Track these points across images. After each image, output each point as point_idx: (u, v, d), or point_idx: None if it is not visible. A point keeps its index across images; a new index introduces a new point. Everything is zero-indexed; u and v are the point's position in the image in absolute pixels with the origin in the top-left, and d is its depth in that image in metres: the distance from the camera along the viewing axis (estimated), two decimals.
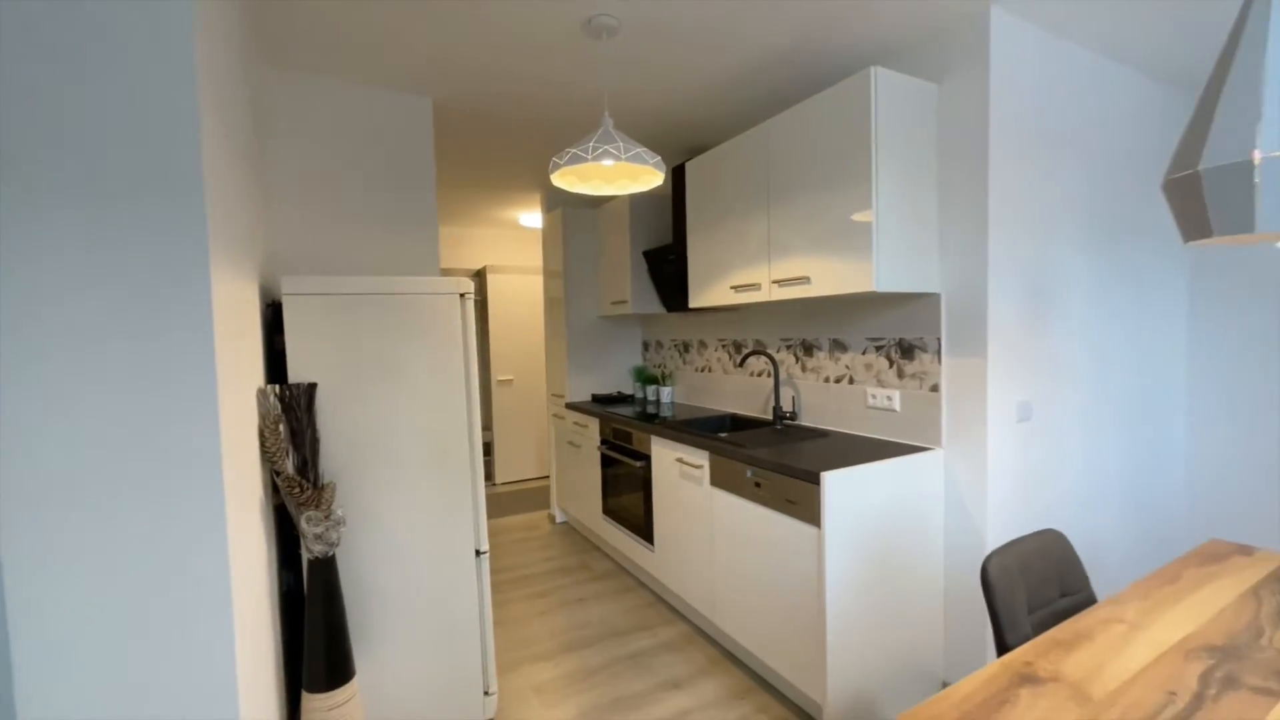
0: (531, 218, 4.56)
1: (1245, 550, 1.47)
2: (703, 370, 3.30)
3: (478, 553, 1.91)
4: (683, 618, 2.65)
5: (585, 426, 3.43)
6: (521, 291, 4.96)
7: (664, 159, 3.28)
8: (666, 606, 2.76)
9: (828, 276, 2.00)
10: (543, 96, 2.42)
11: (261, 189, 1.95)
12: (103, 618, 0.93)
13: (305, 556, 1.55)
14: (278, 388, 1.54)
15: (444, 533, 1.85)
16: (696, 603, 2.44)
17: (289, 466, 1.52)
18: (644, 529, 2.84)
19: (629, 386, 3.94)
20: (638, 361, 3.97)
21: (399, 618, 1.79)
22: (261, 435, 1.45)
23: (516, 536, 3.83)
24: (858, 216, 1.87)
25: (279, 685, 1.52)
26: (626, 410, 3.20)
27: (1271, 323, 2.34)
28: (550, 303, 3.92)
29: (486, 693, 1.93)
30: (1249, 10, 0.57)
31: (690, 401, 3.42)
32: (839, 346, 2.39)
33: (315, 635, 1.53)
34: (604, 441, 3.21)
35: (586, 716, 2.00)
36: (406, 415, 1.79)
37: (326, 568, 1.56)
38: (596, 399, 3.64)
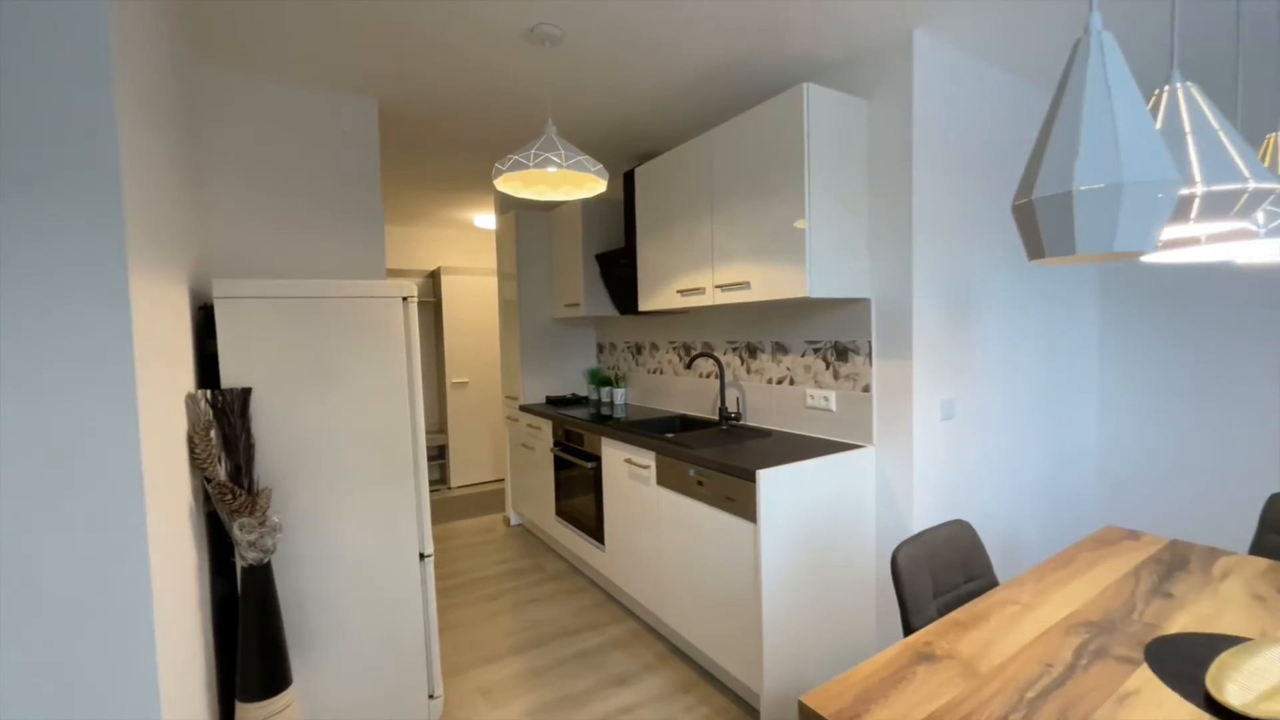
0: (485, 219, 4.53)
1: (1134, 535, 1.61)
2: (655, 372, 3.36)
3: (422, 556, 1.91)
4: (633, 615, 2.69)
5: (538, 429, 3.45)
6: (477, 293, 4.92)
7: (616, 164, 3.33)
8: (617, 605, 2.80)
9: (766, 282, 2.08)
10: (489, 102, 2.43)
11: (196, 189, 1.90)
12: (12, 629, 0.90)
13: (239, 564, 1.53)
14: (209, 393, 1.51)
15: (387, 537, 1.84)
16: (645, 600, 2.49)
17: (221, 473, 1.49)
18: (595, 529, 2.88)
19: (584, 388, 3.97)
20: (592, 364, 4.00)
21: (340, 623, 1.77)
22: (191, 442, 1.42)
23: (471, 540, 3.81)
24: (792, 225, 1.95)
25: (211, 695, 1.49)
26: (579, 412, 3.23)
27: (1175, 326, 2.55)
28: (504, 305, 3.91)
29: (431, 696, 1.93)
30: (1072, 62, 0.65)
31: (643, 403, 3.48)
32: (780, 349, 2.48)
33: (249, 643, 1.51)
34: (556, 443, 3.23)
35: (533, 715, 2.02)
36: (348, 419, 1.78)
37: (261, 575, 1.54)
38: (551, 401, 3.66)
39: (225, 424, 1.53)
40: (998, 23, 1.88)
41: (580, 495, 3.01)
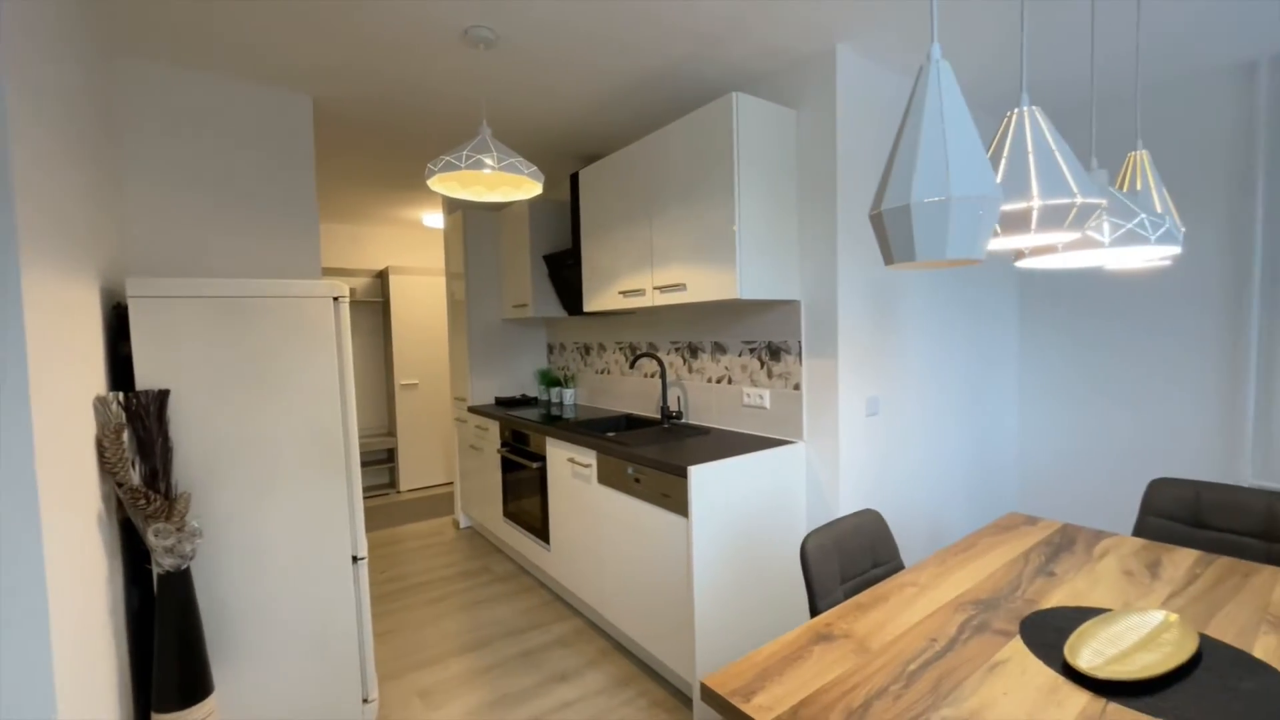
0: (434, 218, 4.48)
1: (1031, 521, 1.73)
2: (603, 372, 3.39)
3: (355, 559, 1.89)
4: (577, 613, 2.72)
5: (486, 430, 3.43)
6: (426, 293, 4.85)
7: (564, 165, 3.35)
8: (563, 604, 2.82)
9: (701, 283, 2.14)
10: (427, 102, 2.42)
11: (113, 185, 1.83)
12: None
13: (155, 570, 1.49)
14: (120, 396, 1.46)
15: (317, 540, 1.82)
16: (588, 597, 2.52)
17: (134, 478, 1.45)
18: (541, 529, 2.89)
19: (534, 389, 3.97)
20: (543, 364, 4.01)
21: (267, 629, 1.74)
22: (100, 446, 1.38)
23: (419, 544, 3.76)
24: (723, 229, 2.02)
25: (125, 705, 1.45)
26: (528, 413, 3.23)
27: (1085, 327, 2.75)
28: (453, 305, 3.88)
29: (366, 700, 1.91)
30: (916, 87, 0.72)
31: (592, 403, 3.51)
32: (719, 349, 2.55)
33: (165, 651, 1.47)
34: (504, 444, 3.22)
35: (472, 714, 2.02)
36: (276, 421, 1.75)
37: (179, 581, 1.50)
38: (500, 402, 3.65)
39: (139, 427, 1.48)
40: (911, 40, 2.00)
41: (527, 496, 3.02)
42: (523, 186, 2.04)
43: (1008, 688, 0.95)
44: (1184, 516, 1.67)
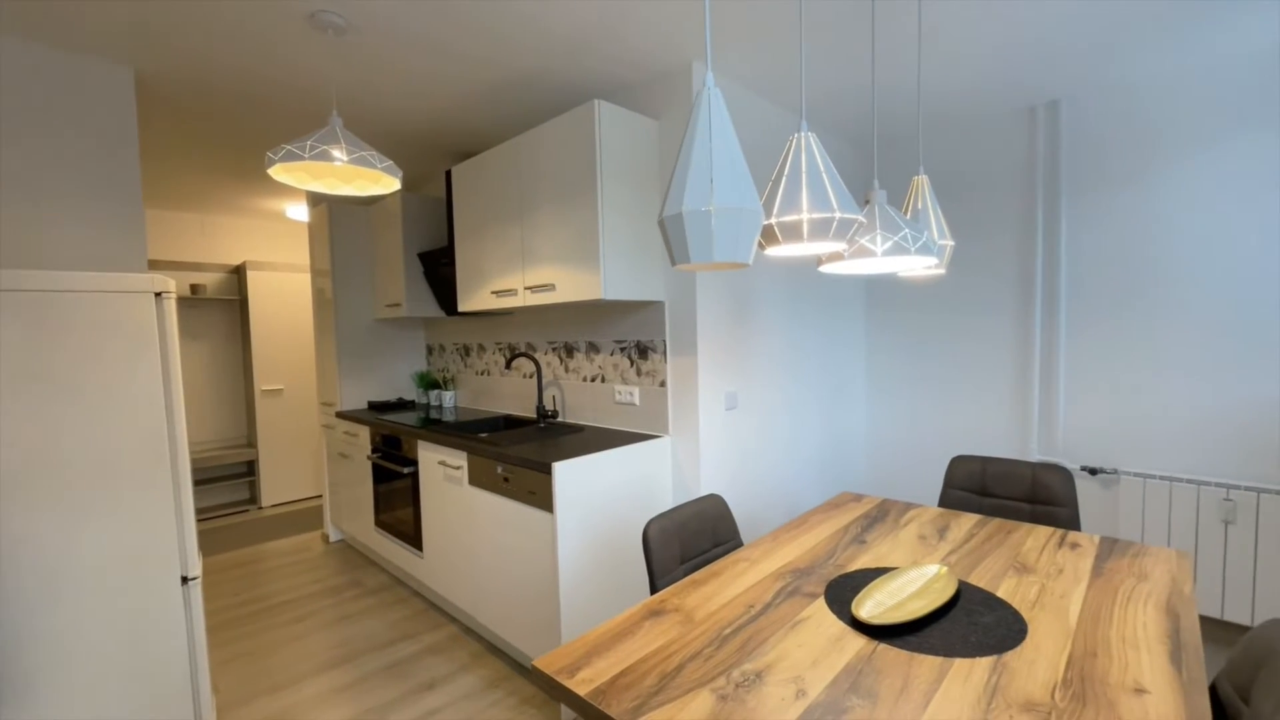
0: (298, 210, 4.17)
1: (858, 498, 1.96)
2: (483, 373, 3.34)
3: (185, 580, 1.73)
4: (452, 620, 2.66)
5: (355, 436, 3.25)
6: (290, 291, 4.49)
7: (440, 161, 3.26)
8: (438, 612, 2.75)
9: (569, 284, 2.19)
10: (269, 88, 2.26)
11: None
12: None
13: None
14: None
15: (137, 561, 1.64)
16: (462, 602, 2.48)
17: None
18: (414, 537, 2.80)
19: (412, 392, 3.82)
20: (422, 366, 3.86)
21: (71, 663, 1.54)
22: None
23: (283, 561, 3.48)
24: (589, 231, 2.09)
25: None
26: (404, 417, 3.11)
27: (920, 329, 3.12)
28: (320, 304, 3.63)
29: None
30: (694, 109, 0.81)
31: (474, 405, 3.44)
32: (593, 348, 2.62)
33: None
34: (375, 450, 3.08)
35: None
36: (82, 432, 1.55)
37: None
38: (373, 406, 3.47)
39: None
40: (759, 61, 2.18)
41: (399, 503, 2.91)
42: (380, 181, 1.97)
43: (803, 640, 1.08)
44: (973, 487, 1.97)
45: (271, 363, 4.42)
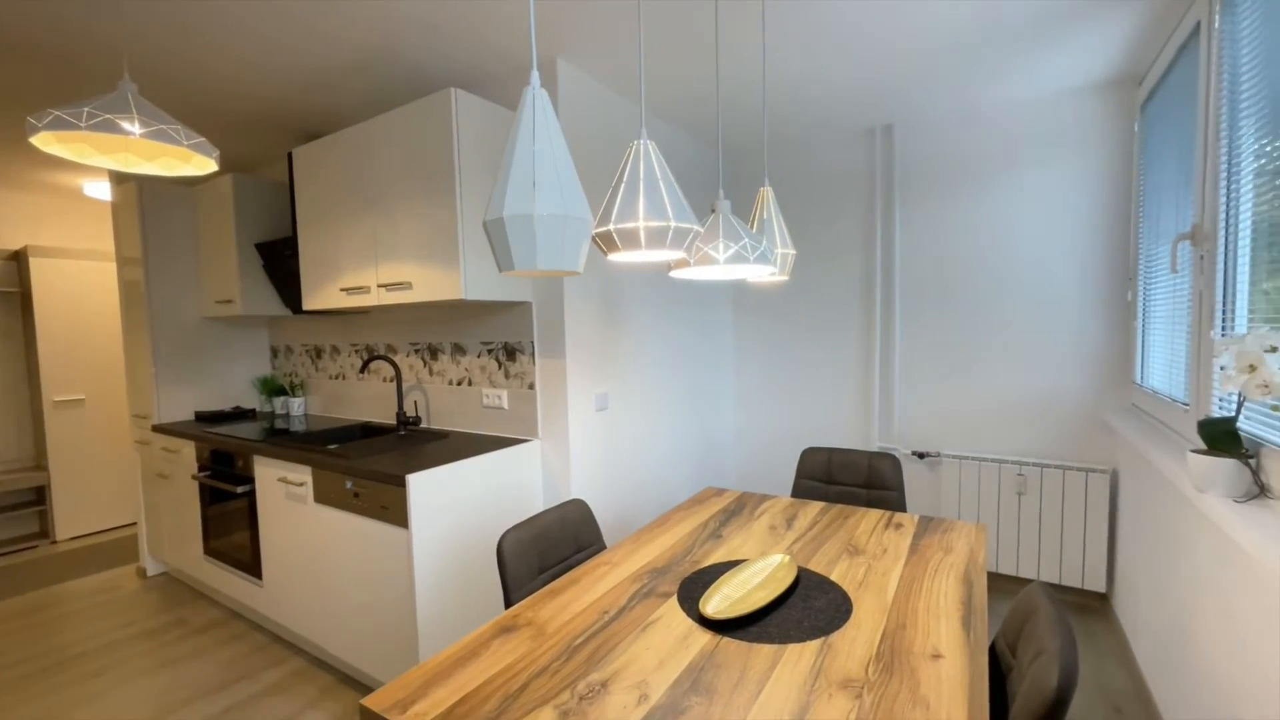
0: (98, 187, 3.52)
1: (719, 492, 2.04)
2: (337, 378, 3.05)
3: None
4: (299, 653, 2.40)
5: (177, 452, 2.82)
6: (90, 283, 3.79)
7: (282, 141, 2.91)
8: (282, 645, 2.46)
9: (427, 283, 2.05)
10: (52, 28, 1.88)
11: None
12: None
13: None
14: None
15: None
16: (309, 633, 2.24)
17: None
18: (252, 563, 2.48)
19: (253, 399, 3.39)
20: (266, 370, 3.45)
21: None
22: None
23: (85, 604, 2.93)
24: (447, 228, 1.97)
25: None
26: (239, 428, 2.74)
27: (781, 331, 3.33)
28: (129, 298, 3.09)
29: None
30: (519, 111, 0.77)
31: (327, 412, 3.13)
32: (459, 350, 2.49)
33: None
34: (202, 468, 2.69)
35: None
36: None
37: None
38: (202, 417, 3.03)
39: None
40: (617, 61, 2.18)
41: (234, 526, 2.56)
42: (191, 161, 1.71)
43: (652, 643, 1.10)
44: (821, 476, 2.14)
45: (66, 368, 3.71)
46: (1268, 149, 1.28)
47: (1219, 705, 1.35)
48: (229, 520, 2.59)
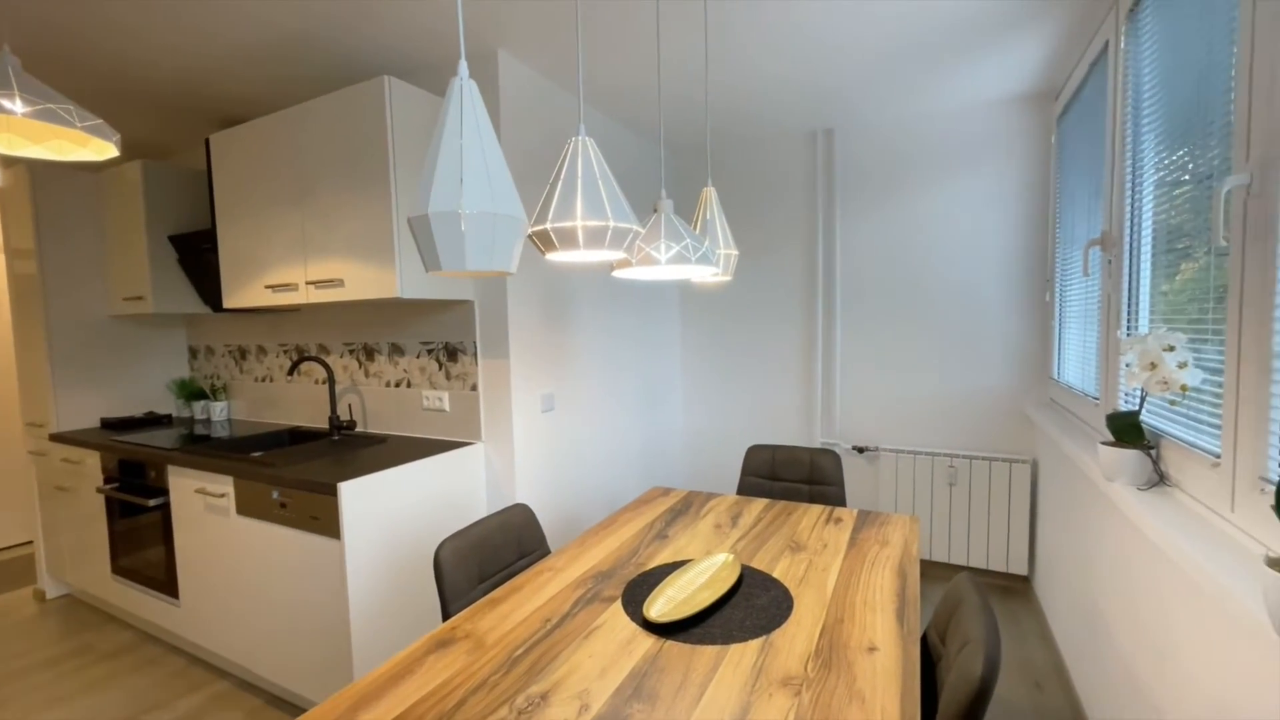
0: None
1: (666, 492, 2.04)
2: (264, 380, 2.87)
3: None
4: (223, 675, 2.24)
5: (79, 463, 2.58)
6: None
7: (199, 126, 2.70)
8: (202, 667, 2.29)
9: (360, 280, 1.95)
10: None
11: None
12: None
13: None
14: None
15: None
16: (233, 654, 2.10)
17: None
18: (167, 581, 2.30)
19: (169, 404, 3.15)
20: (184, 372, 3.20)
21: None
22: None
23: None
24: (381, 222, 1.88)
25: None
26: (152, 436, 2.53)
27: (726, 330, 3.37)
28: (20, 294, 2.80)
29: None
30: (445, 104, 0.73)
31: (253, 416, 2.94)
32: (397, 350, 2.38)
33: None
34: (108, 480, 2.47)
35: None
36: None
37: None
38: (108, 425, 2.78)
39: None
40: (559, 56, 2.14)
41: (146, 542, 2.37)
42: (89, 145, 1.55)
43: (595, 650, 1.08)
44: (765, 473, 2.18)
45: None
46: (1166, 161, 1.39)
47: (1126, 679, 1.45)
48: (140, 535, 2.39)
